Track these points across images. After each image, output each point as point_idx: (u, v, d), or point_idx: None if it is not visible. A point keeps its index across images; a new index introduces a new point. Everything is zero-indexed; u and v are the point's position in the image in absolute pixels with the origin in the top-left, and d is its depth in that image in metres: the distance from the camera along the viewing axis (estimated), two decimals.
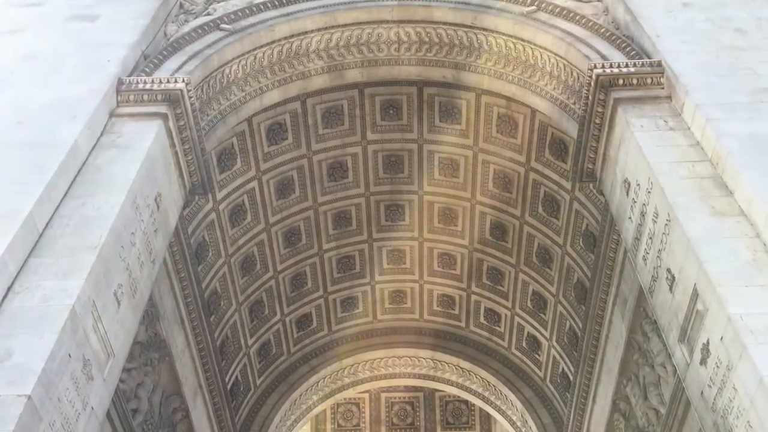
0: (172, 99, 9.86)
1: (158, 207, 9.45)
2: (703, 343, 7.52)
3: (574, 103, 11.04)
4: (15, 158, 8.40)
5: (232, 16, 11.54)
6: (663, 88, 9.73)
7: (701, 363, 7.59)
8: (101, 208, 8.23)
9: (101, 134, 9.33)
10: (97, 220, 8.10)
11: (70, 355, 7.00)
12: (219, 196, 12.94)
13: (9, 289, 7.27)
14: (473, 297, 16.26)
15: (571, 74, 11.03)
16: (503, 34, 11.68)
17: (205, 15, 11.73)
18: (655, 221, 8.64)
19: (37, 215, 7.84)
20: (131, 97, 9.82)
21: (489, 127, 13.55)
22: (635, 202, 9.21)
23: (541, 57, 11.43)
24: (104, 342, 7.73)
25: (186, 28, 11.39)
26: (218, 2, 11.97)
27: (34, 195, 7.86)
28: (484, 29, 11.79)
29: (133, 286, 8.60)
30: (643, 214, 8.99)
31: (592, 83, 9.96)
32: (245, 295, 14.64)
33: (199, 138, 10.43)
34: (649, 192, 8.81)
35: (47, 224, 7.99)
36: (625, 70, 9.90)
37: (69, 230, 7.96)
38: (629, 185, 9.39)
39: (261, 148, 13.30)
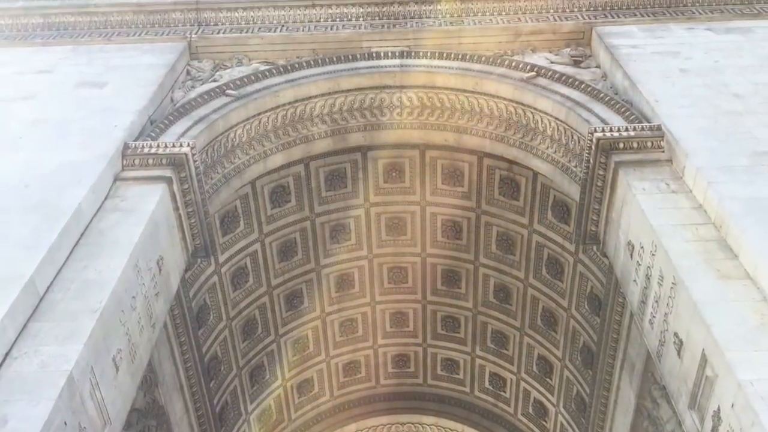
0: (176, 163, 9.96)
1: (160, 270, 9.42)
2: (714, 410, 7.34)
3: (576, 166, 11.12)
4: (21, 222, 8.44)
5: (238, 82, 11.79)
6: (663, 152, 9.81)
7: (713, 431, 7.39)
8: (103, 271, 8.22)
9: (105, 198, 9.39)
10: (98, 283, 8.07)
11: (66, 423, 6.85)
12: (221, 258, 12.91)
13: (7, 354, 7.19)
14: (477, 361, 16.00)
15: (572, 138, 11.15)
16: (504, 98, 11.88)
17: (211, 81, 12.00)
18: (661, 284, 8.56)
19: (39, 279, 7.83)
20: (136, 161, 9.94)
21: (491, 189, 13.62)
22: (639, 264, 9.16)
23: (542, 121, 11.58)
24: (101, 409, 7.58)
25: (192, 94, 11.62)
26: (224, 69, 12.29)
27: (36, 259, 7.87)
28: (485, 94, 11.99)
29: (133, 351, 8.48)
30: (648, 277, 8.92)
31: (593, 147, 10.05)
32: (246, 359, 14.43)
33: (203, 201, 10.49)
34: (653, 255, 8.76)
35: (48, 288, 7.97)
36: (625, 134, 10.00)
37: (70, 294, 7.93)
38: (633, 248, 9.35)
39: (264, 210, 13.36)
